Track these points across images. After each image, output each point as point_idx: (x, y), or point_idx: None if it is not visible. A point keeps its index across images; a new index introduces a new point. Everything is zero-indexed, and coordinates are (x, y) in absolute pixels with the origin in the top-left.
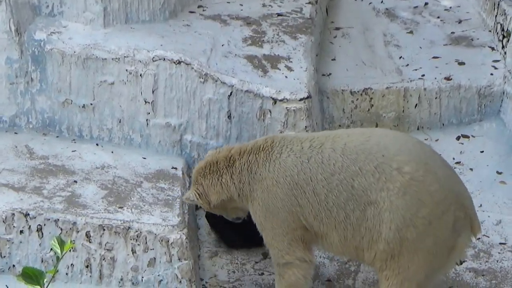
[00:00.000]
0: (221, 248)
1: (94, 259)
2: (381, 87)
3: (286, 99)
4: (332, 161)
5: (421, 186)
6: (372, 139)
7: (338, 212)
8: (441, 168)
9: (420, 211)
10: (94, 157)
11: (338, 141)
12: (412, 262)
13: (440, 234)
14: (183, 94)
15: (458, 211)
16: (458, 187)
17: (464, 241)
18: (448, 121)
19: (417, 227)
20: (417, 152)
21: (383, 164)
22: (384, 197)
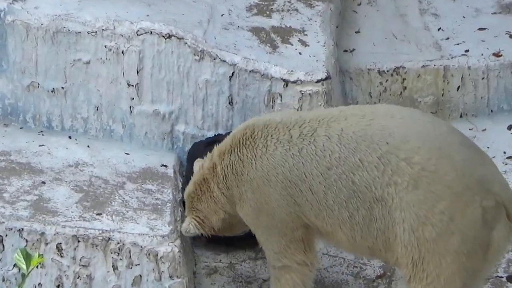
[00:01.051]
0: (221, 263)
1: (66, 277)
2: (416, 65)
3: (300, 80)
4: (327, 152)
5: (435, 177)
6: (374, 123)
7: (340, 211)
8: (459, 151)
9: (437, 206)
10: (66, 152)
11: (334, 126)
12: (440, 268)
13: (467, 230)
14: (174, 74)
15: (485, 200)
16: (483, 171)
17: (500, 235)
18: (498, 107)
19: (435, 225)
20: (428, 135)
21: (388, 154)
22: (392, 193)
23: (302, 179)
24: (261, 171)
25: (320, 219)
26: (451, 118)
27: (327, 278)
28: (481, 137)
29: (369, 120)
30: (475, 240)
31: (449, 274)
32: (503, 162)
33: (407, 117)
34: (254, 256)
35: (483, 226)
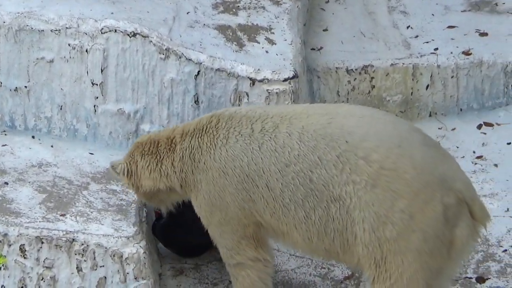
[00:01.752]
0: (187, 265)
1: (30, 278)
2: (385, 64)
3: (267, 79)
4: (287, 149)
5: (394, 175)
6: (335, 122)
7: (296, 210)
8: (420, 149)
9: (397, 205)
10: (29, 152)
11: (295, 124)
12: (403, 267)
13: (428, 228)
14: (139, 73)
15: (446, 198)
16: (444, 169)
17: (463, 232)
18: (468, 106)
19: (395, 224)
20: (388, 134)
21: (347, 153)
22: (350, 192)
23: (259, 174)
24: (219, 162)
25: (276, 218)
26: (420, 117)
27: (294, 280)
28: (451, 137)
29: (330, 119)
30: (437, 238)
31: (411, 273)
32: (473, 162)
33: (368, 116)
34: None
35: (445, 223)
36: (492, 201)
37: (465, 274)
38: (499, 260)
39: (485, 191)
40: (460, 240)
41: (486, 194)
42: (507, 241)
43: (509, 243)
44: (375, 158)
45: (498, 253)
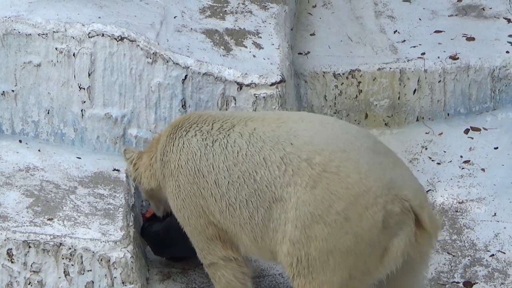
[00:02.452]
0: (174, 269)
1: (17, 283)
2: (372, 68)
3: (254, 83)
4: (236, 148)
5: (335, 178)
6: (284, 125)
7: (241, 210)
8: (366, 155)
9: (333, 206)
10: (16, 156)
11: (249, 125)
12: (327, 264)
13: (362, 232)
14: (127, 77)
15: (390, 205)
16: (392, 175)
17: (400, 242)
18: (455, 111)
19: (328, 224)
20: (334, 138)
21: (291, 155)
22: (290, 193)
23: (209, 170)
24: (176, 154)
25: (224, 217)
26: (407, 121)
27: (282, 284)
28: (438, 141)
29: (280, 123)
30: (370, 243)
31: (334, 270)
32: (460, 166)
33: (318, 122)
34: None
35: (382, 230)
36: (480, 205)
37: (453, 278)
38: (487, 264)
39: (472, 195)
40: (395, 250)
41: (474, 199)
42: (494, 245)
43: (496, 248)
44: (318, 161)
45: (485, 258)
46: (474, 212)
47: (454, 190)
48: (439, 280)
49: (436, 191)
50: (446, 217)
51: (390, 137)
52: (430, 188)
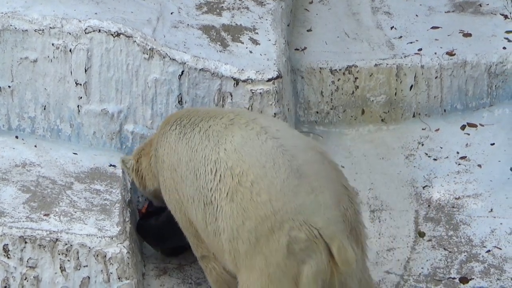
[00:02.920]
0: (170, 265)
1: (13, 278)
2: (369, 64)
3: (251, 79)
4: (193, 144)
5: (247, 194)
6: (230, 127)
7: (192, 207)
8: (284, 175)
9: (246, 224)
10: (13, 152)
11: (209, 122)
12: (250, 281)
13: (270, 255)
14: (123, 73)
15: (295, 231)
16: (306, 200)
17: (311, 270)
18: (451, 107)
19: (244, 241)
20: (260, 152)
21: (221, 160)
22: (217, 200)
23: (178, 164)
24: (161, 149)
25: (188, 213)
26: (404, 117)
27: None
28: (434, 137)
29: (229, 124)
30: (278, 267)
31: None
32: (456, 162)
33: (256, 130)
34: None
35: (288, 256)
36: (476, 201)
37: (449, 274)
38: (483, 260)
39: (469, 191)
40: (306, 278)
41: (470, 195)
42: (491, 241)
43: (492, 244)
44: (237, 172)
45: (481, 254)
46: (471, 208)
47: (450, 186)
48: (435, 276)
49: (432, 187)
50: (442, 213)
51: (386, 133)
52: (426, 184)
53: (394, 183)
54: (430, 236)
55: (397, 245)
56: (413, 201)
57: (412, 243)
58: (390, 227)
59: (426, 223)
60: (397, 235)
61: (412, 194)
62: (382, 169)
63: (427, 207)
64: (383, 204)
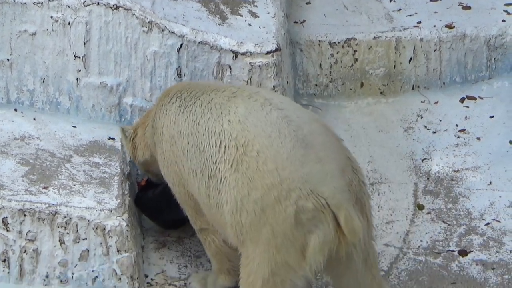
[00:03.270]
0: (170, 237)
1: (13, 251)
2: (368, 37)
3: (250, 52)
4: (195, 117)
5: (253, 163)
6: (233, 100)
7: (194, 180)
8: (290, 144)
9: (251, 194)
10: (12, 125)
11: (211, 95)
12: (255, 253)
13: (277, 226)
14: (122, 46)
15: (302, 200)
16: (313, 170)
17: (317, 240)
18: (450, 79)
19: (249, 212)
20: (265, 122)
21: (226, 131)
22: (221, 171)
23: (178, 137)
24: (161, 121)
25: (189, 187)
26: (402, 90)
27: None
28: (433, 110)
29: (232, 96)
30: (285, 237)
31: (260, 261)
32: (455, 135)
33: (260, 101)
34: None
35: (295, 225)
36: (475, 174)
37: (448, 247)
38: (482, 233)
39: (468, 164)
40: (313, 247)
41: (469, 168)
42: (490, 214)
43: (491, 217)
44: (242, 142)
45: (480, 226)
46: (470, 181)
47: (449, 159)
48: (434, 248)
49: (431, 159)
50: (441, 186)
51: (385, 105)
52: (425, 157)
53: (393, 156)
54: (429, 209)
55: (396, 218)
56: (412, 174)
57: (411, 216)
58: (389, 200)
59: (425, 196)
60: (396, 208)
61: (411, 167)
62: (381, 142)
63: (426, 180)
64: (382, 177)
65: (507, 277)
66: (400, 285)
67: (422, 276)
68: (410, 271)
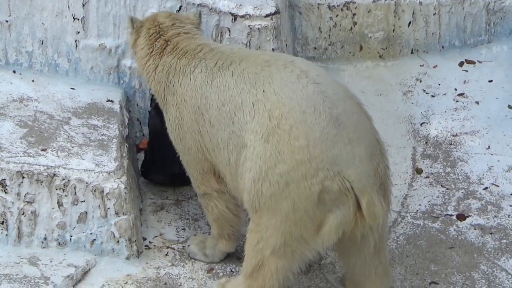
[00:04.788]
0: (168, 200)
1: (11, 213)
2: (367, 0)
3: (249, 15)
4: (226, 88)
5: (285, 137)
6: (267, 69)
7: (224, 151)
8: (324, 122)
9: (278, 167)
10: (10, 87)
11: (242, 65)
12: (270, 223)
13: (299, 201)
14: (121, 8)
15: (328, 181)
16: (343, 151)
17: (335, 221)
18: (450, 43)
19: (272, 184)
20: (301, 96)
21: (260, 102)
22: (252, 141)
23: (206, 108)
24: (183, 89)
25: (214, 156)
26: (402, 54)
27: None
28: (432, 74)
29: (265, 66)
30: (306, 213)
31: (274, 230)
32: (454, 99)
33: (296, 73)
34: None
35: (317, 204)
36: (473, 138)
37: (446, 211)
38: (480, 197)
39: (466, 128)
40: (329, 226)
41: (467, 132)
42: (488, 178)
43: (489, 181)
44: (276, 115)
45: (479, 191)
46: (468, 145)
47: (448, 123)
48: (432, 212)
49: (430, 123)
50: (440, 150)
51: (384, 69)
52: (424, 121)
53: (391, 119)
54: (427, 173)
55: (394, 181)
56: (410, 138)
57: (409, 180)
58: None
59: (423, 160)
60: (394, 171)
61: (409, 130)
62: (380, 105)
63: (425, 144)
64: None
65: (505, 241)
66: (398, 249)
67: (420, 240)
68: (408, 235)
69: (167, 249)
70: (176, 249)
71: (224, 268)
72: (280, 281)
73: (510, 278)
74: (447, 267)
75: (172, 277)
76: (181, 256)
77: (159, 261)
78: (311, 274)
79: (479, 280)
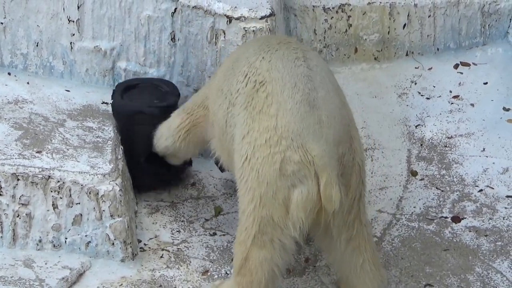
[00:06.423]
0: (163, 202)
1: (6, 215)
2: (362, 2)
3: (244, 17)
4: (244, 48)
5: (260, 104)
6: (280, 45)
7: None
8: (299, 99)
9: (249, 134)
10: (5, 89)
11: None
12: (245, 196)
13: (262, 171)
14: (116, 10)
15: (291, 151)
16: (311, 128)
17: (300, 197)
18: (445, 46)
19: (242, 154)
20: (289, 72)
21: (253, 69)
22: (239, 104)
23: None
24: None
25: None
26: (396, 56)
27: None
28: (427, 76)
29: (283, 42)
30: (269, 187)
31: (248, 209)
32: (449, 101)
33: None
34: (196, 195)
35: (279, 176)
36: (468, 140)
37: (441, 213)
38: (475, 200)
39: (461, 130)
40: (295, 202)
41: (462, 134)
42: (483, 181)
43: (484, 183)
44: (260, 80)
45: (473, 193)
46: (463, 147)
47: (443, 125)
48: (427, 215)
49: (425, 126)
50: (435, 152)
51: (379, 71)
52: (419, 123)
53: (386, 121)
54: (422, 175)
55: (389, 184)
56: (405, 140)
57: (404, 182)
58: (382, 166)
59: (418, 162)
60: (389, 174)
61: (404, 133)
62: (375, 107)
63: (420, 146)
64: (376, 142)
65: (500, 243)
66: (393, 251)
67: (415, 242)
68: (403, 237)
69: (162, 251)
70: (171, 251)
71: (219, 270)
72: (266, 275)
73: (505, 280)
74: (442, 269)
75: (167, 279)
76: (176, 258)
77: (154, 263)
78: (306, 277)
79: (474, 282)
